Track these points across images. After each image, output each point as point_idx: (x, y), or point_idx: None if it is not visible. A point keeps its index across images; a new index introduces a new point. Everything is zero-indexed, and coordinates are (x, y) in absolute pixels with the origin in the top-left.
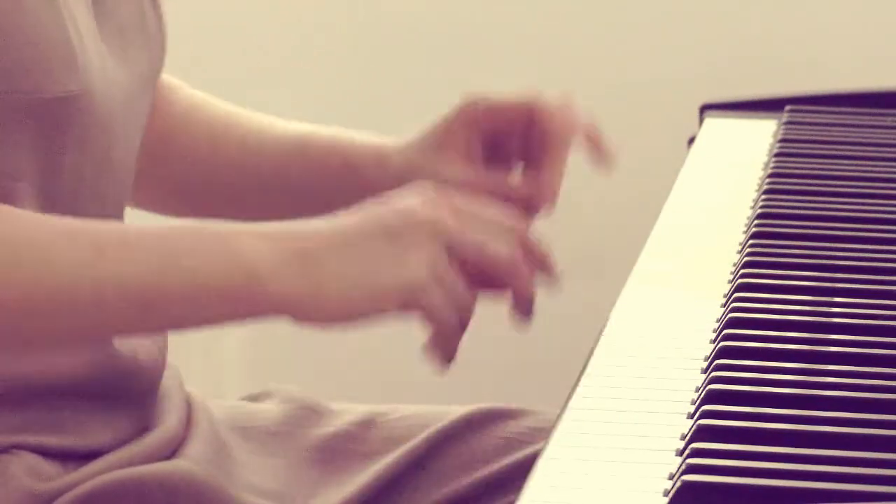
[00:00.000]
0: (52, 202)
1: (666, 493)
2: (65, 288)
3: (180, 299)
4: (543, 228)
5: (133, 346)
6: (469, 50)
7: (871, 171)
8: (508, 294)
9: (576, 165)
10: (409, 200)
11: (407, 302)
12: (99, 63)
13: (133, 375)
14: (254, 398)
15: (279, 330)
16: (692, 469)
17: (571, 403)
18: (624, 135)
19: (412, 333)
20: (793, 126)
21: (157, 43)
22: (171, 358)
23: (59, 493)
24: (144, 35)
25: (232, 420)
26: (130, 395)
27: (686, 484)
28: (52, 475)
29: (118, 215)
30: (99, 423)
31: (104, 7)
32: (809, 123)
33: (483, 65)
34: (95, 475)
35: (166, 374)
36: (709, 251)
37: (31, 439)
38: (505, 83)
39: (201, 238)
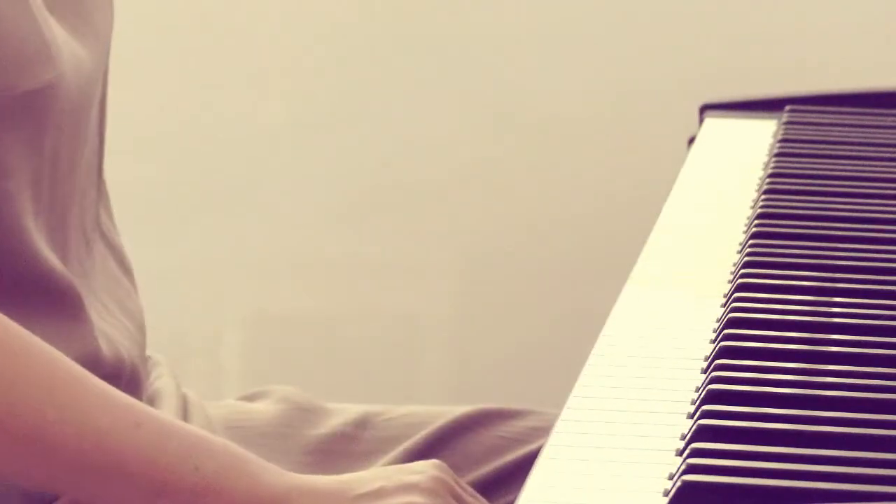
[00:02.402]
0: (38, 191)
1: (666, 493)
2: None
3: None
4: (544, 228)
5: (113, 339)
6: (469, 50)
7: (871, 171)
8: None
9: (576, 165)
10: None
11: None
12: (64, 44)
13: (120, 369)
14: (249, 398)
15: (279, 330)
16: (692, 469)
17: (571, 403)
18: (624, 134)
19: (413, 334)
20: (793, 126)
21: (107, 10)
22: (170, 359)
23: (57, 496)
24: (94, 3)
25: (227, 420)
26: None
27: (686, 484)
28: None
29: (91, 186)
30: None
31: None
32: (809, 123)
33: (483, 65)
34: None
35: (161, 372)
36: (709, 251)
37: None
38: (505, 83)
39: (233, 471)
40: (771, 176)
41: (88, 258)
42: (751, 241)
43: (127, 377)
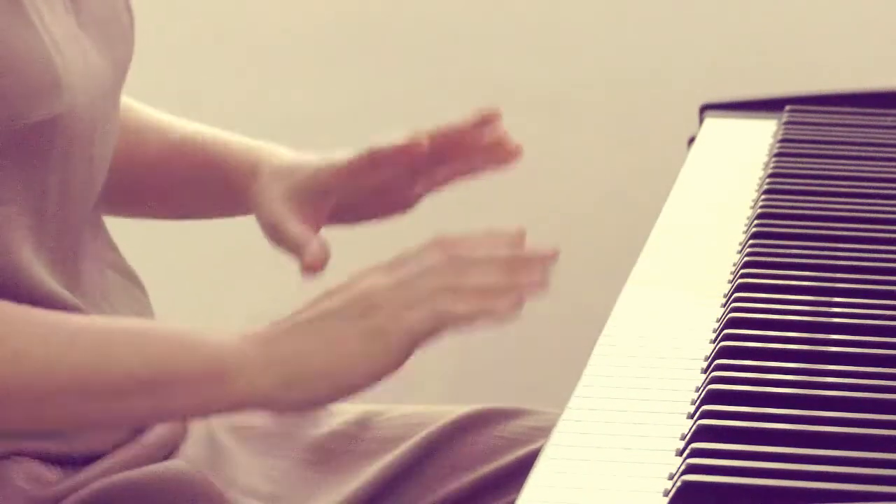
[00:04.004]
0: (41, 217)
1: (666, 493)
2: (40, 377)
3: (148, 390)
4: (544, 228)
5: None
6: (468, 50)
7: (871, 171)
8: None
9: (577, 165)
10: (368, 279)
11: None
12: (82, 66)
13: None
14: None
15: None
16: (692, 469)
17: (571, 403)
18: (624, 135)
19: None
20: (793, 126)
21: (129, 33)
22: None
23: (58, 498)
24: (118, 25)
25: (228, 420)
26: None
27: (686, 484)
28: (52, 480)
29: (95, 216)
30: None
31: (80, 2)
32: (809, 123)
33: (482, 65)
34: (93, 480)
35: None
36: (709, 251)
37: (32, 445)
38: (505, 83)
39: (175, 333)
40: (771, 176)
41: (102, 281)
42: (751, 241)
43: None
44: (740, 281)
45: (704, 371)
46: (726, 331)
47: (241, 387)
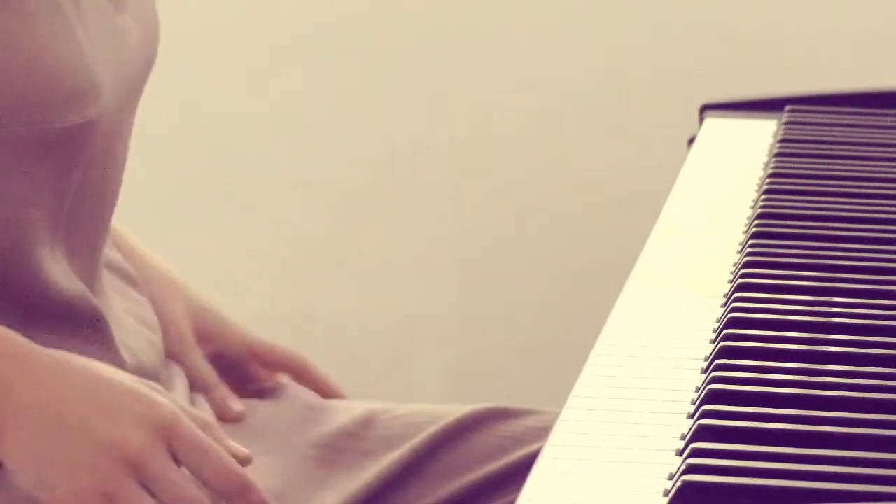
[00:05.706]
0: (57, 220)
1: (666, 493)
2: None
3: None
4: (545, 228)
5: (136, 350)
6: (468, 49)
7: (871, 171)
8: None
9: (576, 165)
10: (123, 429)
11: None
12: (116, 65)
13: (143, 378)
14: (255, 396)
15: (279, 330)
16: (692, 469)
17: (571, 403)
18: (624, 134)
19: (413, 334)
20: (793, 126)
21: (156, 33)
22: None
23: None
24: (152, 23)
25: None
26: None
27: (686, 484)
28: None
29: (110, 214)
30: None
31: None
32: (809, 123)
33: (482, 64)
34: None
35: (171, 372)
36: (709, 251)
37: None
38: (504, 83)
39: None
40: (771, 176)
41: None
42: (751, 241)
43: (150, 380)
44: (740, 281)
45: (704, 371)
46: (726, 331)
47: None
